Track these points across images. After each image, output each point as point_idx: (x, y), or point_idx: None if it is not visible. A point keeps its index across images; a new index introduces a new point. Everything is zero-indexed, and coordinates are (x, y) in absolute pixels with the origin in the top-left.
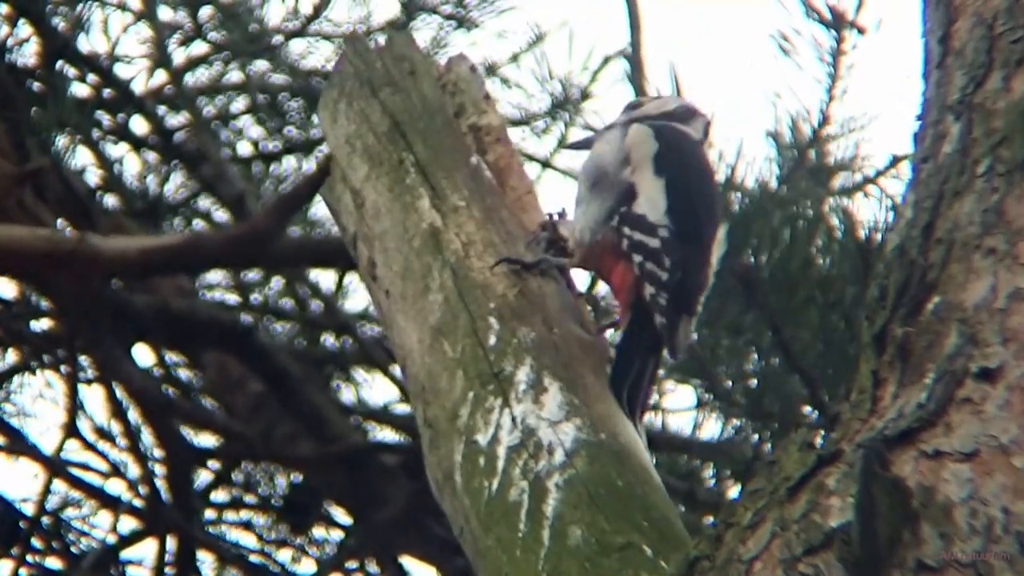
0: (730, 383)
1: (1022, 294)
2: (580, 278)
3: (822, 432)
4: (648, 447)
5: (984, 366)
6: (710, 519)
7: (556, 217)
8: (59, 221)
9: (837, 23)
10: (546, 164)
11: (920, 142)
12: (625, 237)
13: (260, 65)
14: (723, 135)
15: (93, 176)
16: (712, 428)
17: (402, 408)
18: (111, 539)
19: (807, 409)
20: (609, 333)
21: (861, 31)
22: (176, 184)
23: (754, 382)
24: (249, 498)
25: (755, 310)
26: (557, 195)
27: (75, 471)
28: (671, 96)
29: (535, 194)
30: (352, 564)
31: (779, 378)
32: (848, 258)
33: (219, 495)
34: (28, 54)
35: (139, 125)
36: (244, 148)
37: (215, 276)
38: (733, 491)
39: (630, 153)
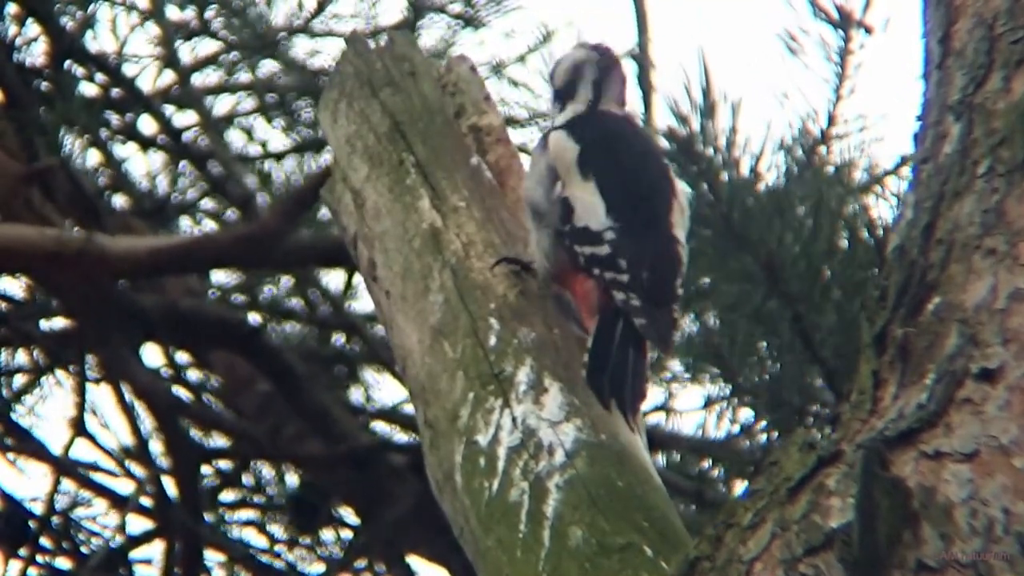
0: (747, 371)
1: (1022, 295)
2: None
3: (827, 428)
4: (648, 446)
5: (984, 367)
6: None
7: None
8: (67, 221)
9: (844, 22)
10: None
11: (920, 143)
12: (578, 254)
13: (268, 65)
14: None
15: (101, 176)
16: (722, 428)
17: (411, 408)
18: (119, 539)
19: (824, 400)
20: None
21: (868, 30)
22: (184, 184)
23: (771, 372)
24: (258, 498)
25: (777, 297)
26: None
27: (84, 471)
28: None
29: None
30: (360, 563)
31: (798, 367)
32: (867, 252)
33: (228, 495)
34: (36, 53)
35: (147, 125)
36: (253, 148)
37: (223, 276)
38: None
39: (555, 166)
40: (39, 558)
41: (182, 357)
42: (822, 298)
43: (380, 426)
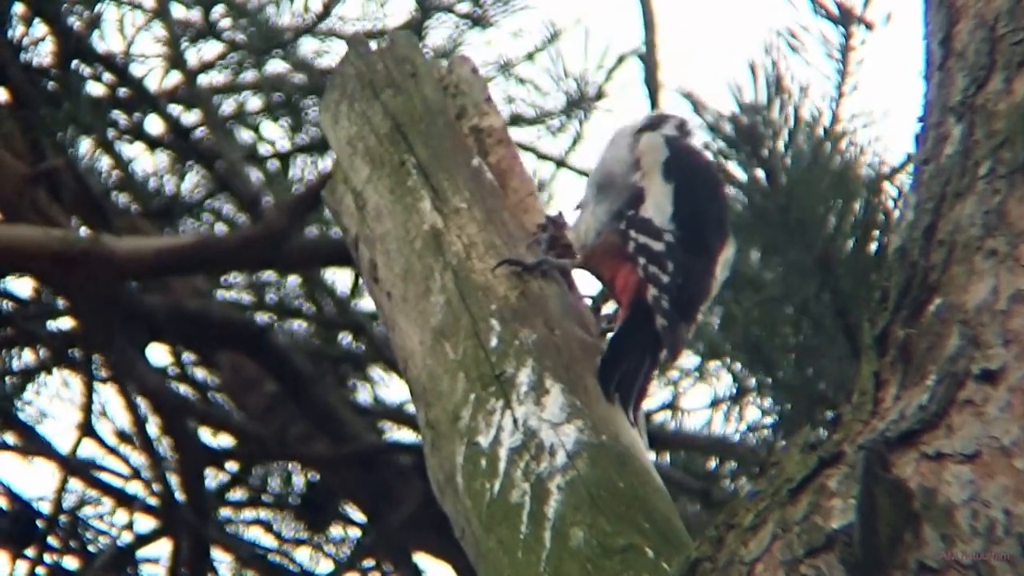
0: (784, 364)
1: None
2: (582, 280)
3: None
4: (650, 445)
5: (986, 368)
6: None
7: (558, 216)
8: (73, 221)
9: (845, 19)
10: (561, 163)
11: (922, 144)
12: (631, 240)
13: (275, 64)
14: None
15: (108, 176)
16: (729, 426)
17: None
18: (127, 538)
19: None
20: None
21: (869, 27)
22: (191, 184)
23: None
24: (264, 497)
25: (829, 292)
26: (572, 194)
27: (91, 471)
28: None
29: (536, 196)
30: (368, 563)
31: (837, 363)
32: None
33: (236, 494)
34: (43, 53)
35: (154, 124)
36: (260, 147)
37: (230, 276)
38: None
39: (641, 159)
40: (46, 557)
41: (189, 357)
42: (870, 295)
43: (387, 426)
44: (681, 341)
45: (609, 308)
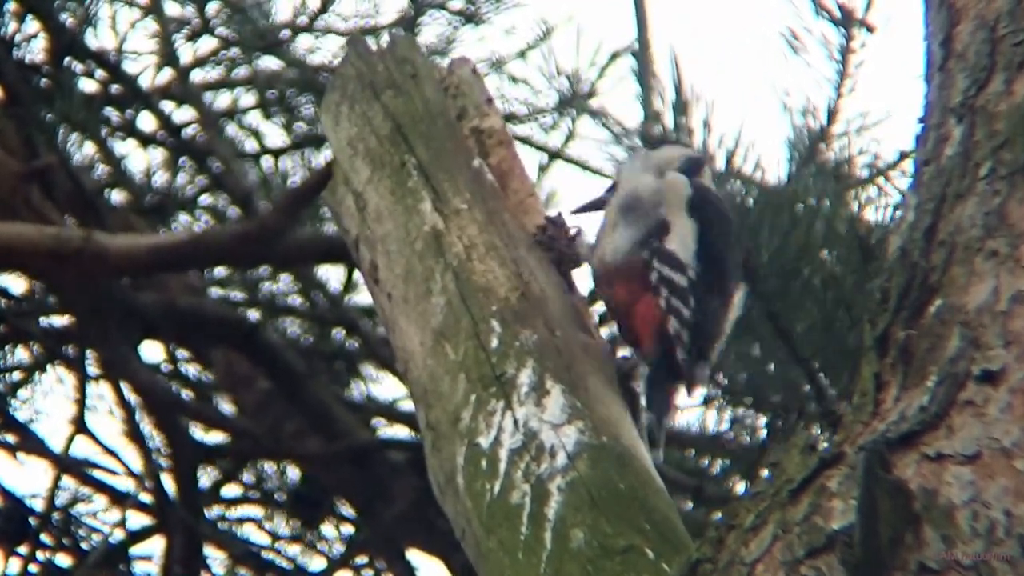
0: (731, 372)
1: None
2: (583, 281)
3: (824, 424)
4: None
5: (986, 369)
6: (718, 515)
7: (558, 217)
8: (66, 219)
9: (846, 20)
10: (555, 155)
11: (922, 145)
12: (654, 269)
13: (268, 61)
14: (730, 131)
15: (101, 173)
16: (720, 424)
17: (410, 404)
18: (120, 535)
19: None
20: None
21: (870, 29)
22: (184, 181)
23: (754, 372)
24: (259, 494)
25: (753, 296)
26: (565, 186)
27: (84, 468)
28: (679, 148)
29: (537, 197)
30: (361, 559)
31: (780, 367)
32: (848, 248)
33: (229, 491)
34: (36, 50)
35: (147, 121)
36: (253, 144)
37: (223, 272)
38: (740, 487)
39: (666, 194)
40: (39, 555)
41: (183, 354)
42: (800, 296)
43: (380, 423)
44: (699, 378)
45: (602, 307)
